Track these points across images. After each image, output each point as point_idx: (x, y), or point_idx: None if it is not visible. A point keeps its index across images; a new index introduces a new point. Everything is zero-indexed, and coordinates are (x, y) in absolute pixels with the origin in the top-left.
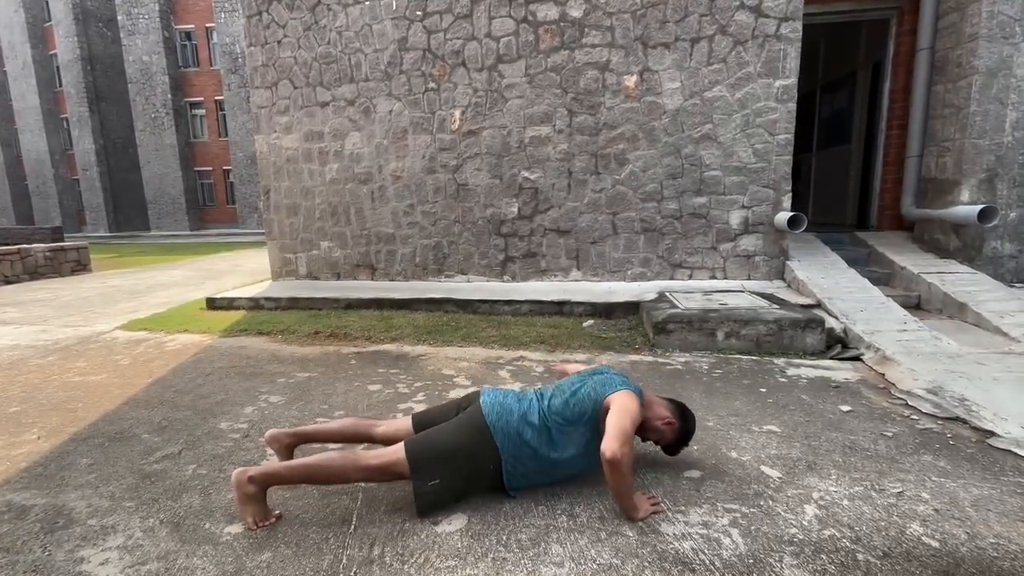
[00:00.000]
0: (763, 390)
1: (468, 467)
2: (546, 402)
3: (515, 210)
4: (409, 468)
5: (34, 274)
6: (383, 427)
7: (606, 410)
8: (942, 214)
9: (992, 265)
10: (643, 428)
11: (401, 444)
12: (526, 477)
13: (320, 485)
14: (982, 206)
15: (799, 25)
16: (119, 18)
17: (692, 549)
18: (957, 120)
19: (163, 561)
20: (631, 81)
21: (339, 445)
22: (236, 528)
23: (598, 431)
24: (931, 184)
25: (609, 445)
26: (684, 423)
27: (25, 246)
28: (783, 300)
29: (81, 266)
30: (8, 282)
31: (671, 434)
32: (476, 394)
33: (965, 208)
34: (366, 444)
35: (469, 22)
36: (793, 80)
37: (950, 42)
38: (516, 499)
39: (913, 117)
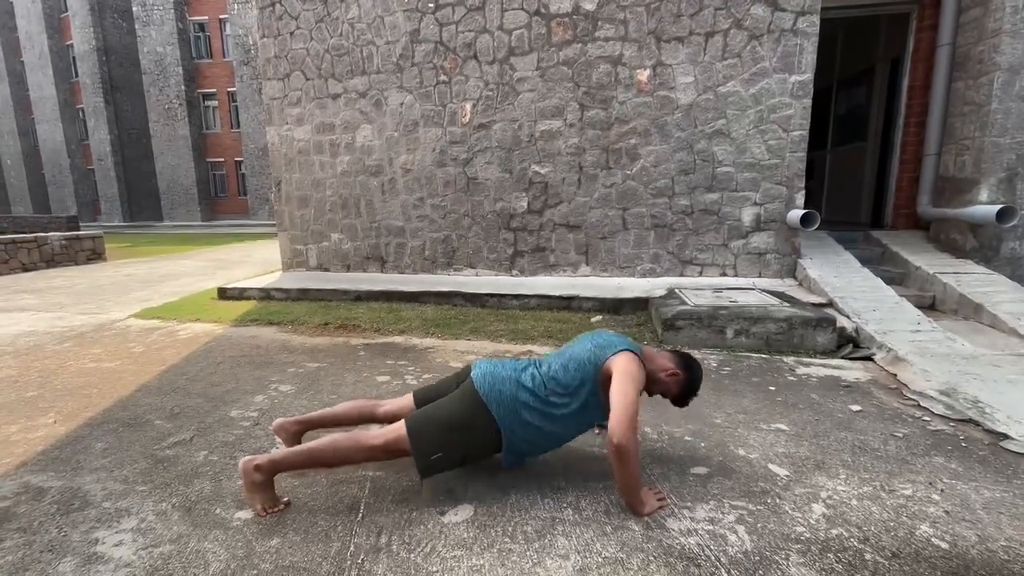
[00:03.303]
0: (772, 388)
1: (468, 437)
2: (544, 367)
3: (525, 204)
4: (410, 444)
5: (50, 262)
6: (386, 407)
7: (607, 375)
8: (959, 214)
9: (1009, 266)
10: (649, 382)
11: (402, 422)
12: (526, 441)
13: (326, 468)
14: (1001, 206)
15: (816, 19)
16: (134, 9)
17: (698, 545)
18: (977, 118)
19: (175, 544)
20: (644, 75)
21: (345, 429)
22: (246, 514)
23: (598, 395)
24: (948, 183)
25: (616, 429)
26: (689, 372)
27: (42, 235)
28: (794, 298)
29: (96, 255)
30: (25, 269)
31: (677, 386)
32: (470, 367)
33: (983, 208)
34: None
35: (481, 14)
36: (809, 75)
37: (972, 38)
38: (521, 491)
39: (932, 114)
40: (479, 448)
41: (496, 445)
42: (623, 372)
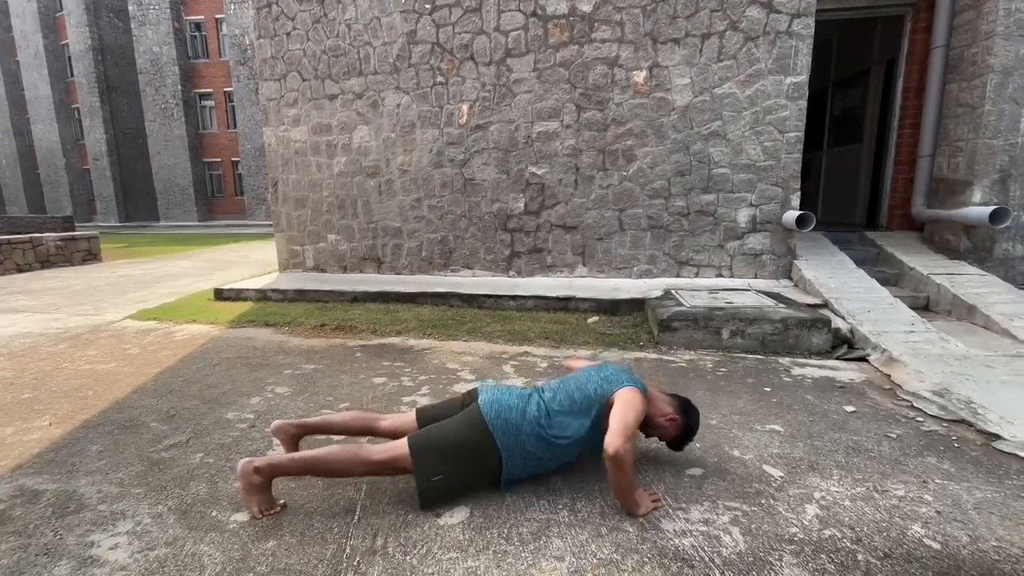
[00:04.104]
0: (767, 389)
1: (470, 464)
2: (548, 395)
3: (522, 205)
4: (412, 464)
5: (46, 263)
6: (388, 421)
7: (610, 407)
8: (953, 215)
9: (1003, 267)
10: (646, 424)
11: (405, 439)
12: (525, 470)
13: (325, 477)
14: (994, 207)
15: (812, 21)
16: (130, 8)
17: (692, 546)
18: (971, 119)
19: (171, 547)
20: (640, 77)
21: (343, 437)
22: (242, 516)
23: (601, 427)
24: (942, 184)
25: (612, 441)
26: (687, 419)
27: (37, 235)
28: (789, 299)
29: (92, 255)
30: (20, 270)
31: (674, 430)
32: (477, 391)
33: (977, 209)
34: (370, 438)
35: (478, 16)
36: (804, 77)
37: (965, 40)
38: (517, 493)
39: (926, 116)
40: (481, 475)
41: (496, 475)
42: (625, 401)
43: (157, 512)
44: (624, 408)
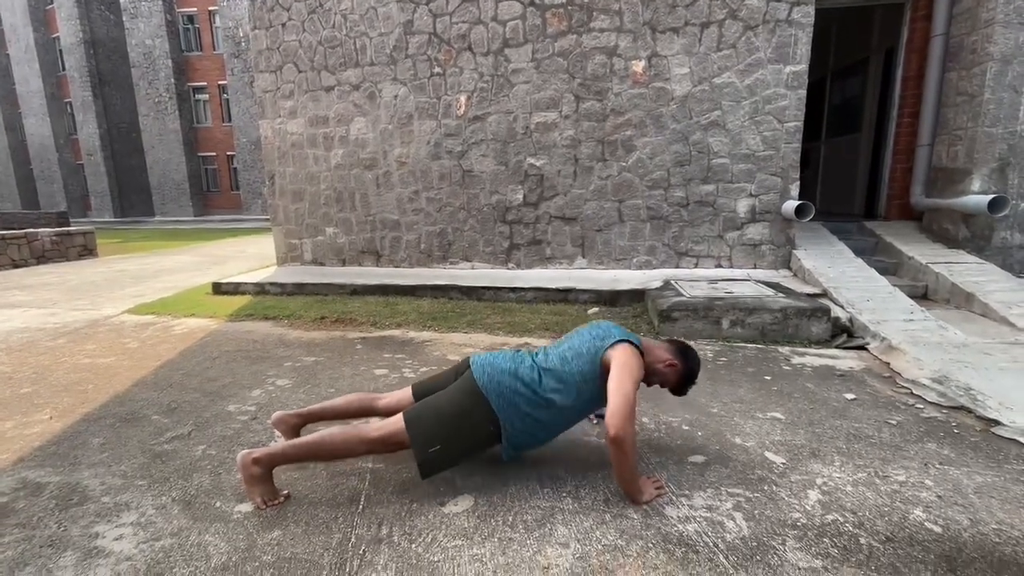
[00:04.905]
0: (768, 378)
1: (466, 430)
2: (541, 357)
3: (520, 197)
4: (409, 436)
5: (41, 258)
6: (385, 400)
7: (606, 365)
8: (952, 204)
9: (1001, 255)
10: (647, 373)
11: (400, 414)
12: (525, 432)
13: (325, 461)
14: (992, 196)
15: (811, 10)
16: (121, 1)
17: (696, 532)
18: (970, 108)
19: (176, 537)
20: (639, 66)
21: (344, 422)
22: (246, 507)
23: (597, 386)
24: (941, 173)
25: (613, 422)
26: (686, 361)
27: (32, 230)
28: (789, 289)
29: (87, 251)
30: (16, 266)
31: (675, 375)
32: (469, 359)
33: (975, 198)
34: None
35: (475, 5)
36: (804, 66)
37: (965, 28)
38: (521, 481)
39: (925, 105)
40: (479, 441)
41: (495, 437)
42: (621, 364)
43: (161, 503)
44: (621, 373)
